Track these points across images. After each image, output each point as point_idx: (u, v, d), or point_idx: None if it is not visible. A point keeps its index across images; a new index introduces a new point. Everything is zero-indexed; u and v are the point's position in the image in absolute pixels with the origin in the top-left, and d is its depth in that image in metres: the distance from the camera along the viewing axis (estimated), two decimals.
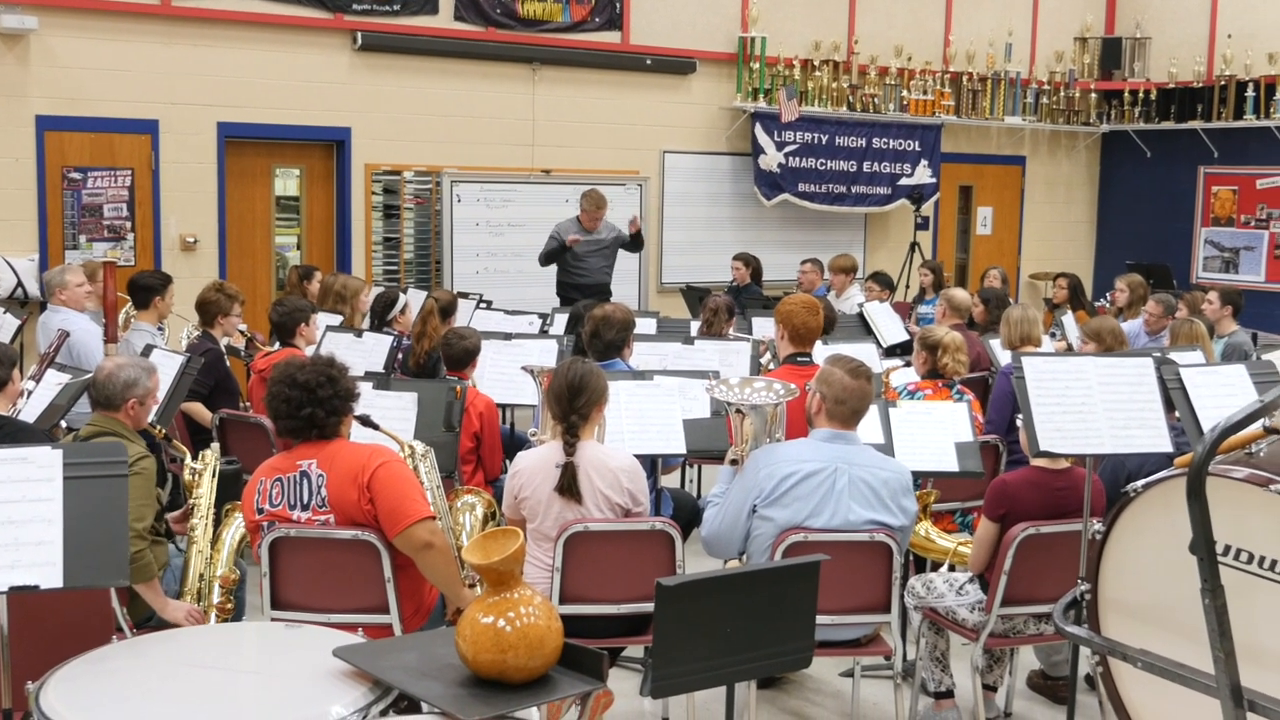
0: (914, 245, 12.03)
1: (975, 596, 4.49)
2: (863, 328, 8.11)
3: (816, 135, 11.98)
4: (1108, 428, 4.05)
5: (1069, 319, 8.41)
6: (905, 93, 12.57)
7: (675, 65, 11.47)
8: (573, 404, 4.26)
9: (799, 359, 5.66)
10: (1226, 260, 13.66)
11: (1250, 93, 13.00)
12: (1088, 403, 4.05)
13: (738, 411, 4.33)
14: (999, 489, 4.40)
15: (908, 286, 11.64)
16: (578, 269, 9.52)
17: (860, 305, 8.75)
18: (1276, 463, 3.12)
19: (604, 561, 4.26)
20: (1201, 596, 3.01)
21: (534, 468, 4.31)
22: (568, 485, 4.19)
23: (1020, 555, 4.27)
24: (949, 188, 13.35)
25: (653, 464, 5.20)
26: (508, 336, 6.52)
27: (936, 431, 5.06)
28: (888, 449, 5.01)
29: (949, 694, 4.69)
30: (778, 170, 11.77)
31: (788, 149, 11.77)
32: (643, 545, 4.27)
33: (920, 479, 5.19)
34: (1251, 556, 3.09)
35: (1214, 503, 3.11)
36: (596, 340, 5.63)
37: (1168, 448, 4.12)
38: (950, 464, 5.01)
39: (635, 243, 9.90)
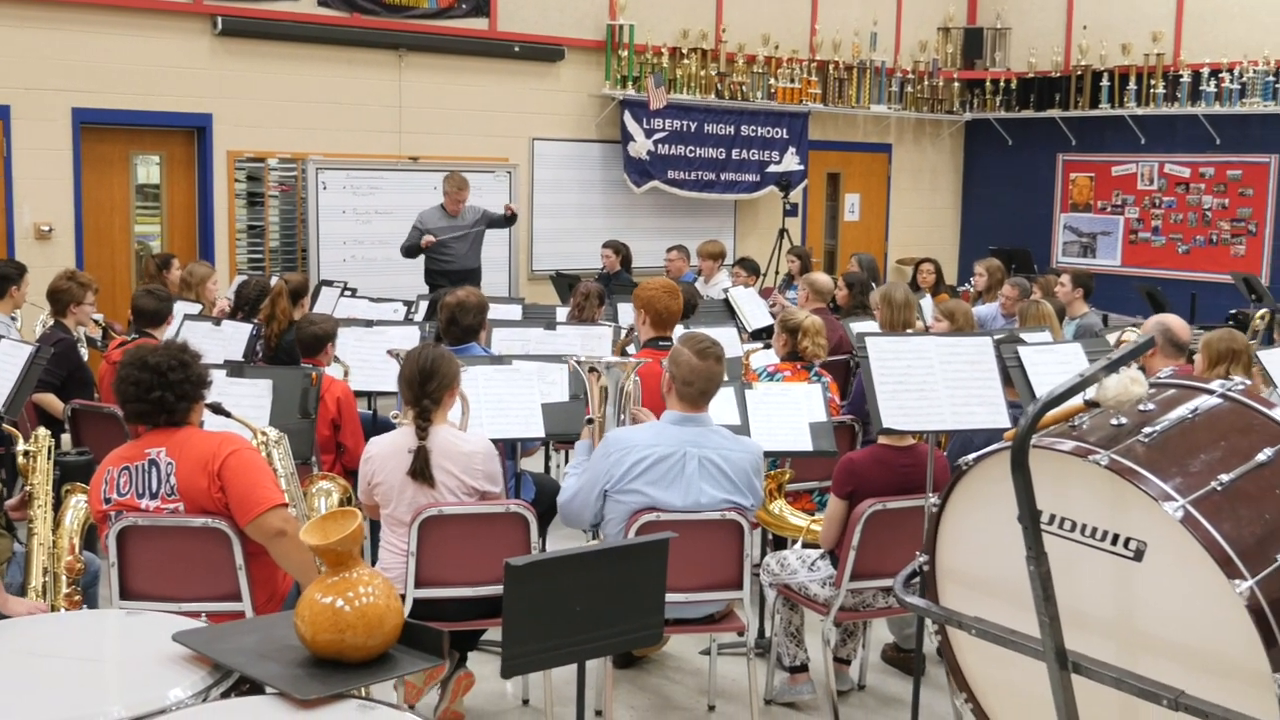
0: (783, 231, 12.20)
1: (826, 572, 4.59)
2: (728, 312, 8.21)
3: (685, 123, 12.08)
4: (949, 405, 4.17)
5: (927, 301, 8.62)
6: (773, 81, 12.73)
7: (543, 52, 11.47)
8: (424, 388, 4.26)
9: (660, 343, 5.71)
10: (1084, 245, 14.10)
11: (1105, 82, 13.44)
12: (929, 381, 4.17)
13: (591, 370, 4.37)
14: (845, 466, 4.50)
15: (777, 273, 11.80)
16: (444, 255, 9.47)
17: (725, 290, 8.86)
18: (1097, 435, 3.24)
19: (459, 545, 4.27)
20: (1026, 564, 3.14)
21: (386, 453, 4.30)
22: (420, 469, 4.19)
23: (868, 531, 4.38)
24: (817, 175, 13.57)
25: (512, 448, 5.22)
26: (369, 323, 6.47)
27: (792, 412, 5.16)
28: (744, 429, 5.10)
29: (803, 668, 4.80)
30: (647, 158, 11.84)
31: (657, 136, 11.86)
32: (498, 528, 4.29)
33: (777, 458, 5.29)
34: (1074, 524, 3.21)
35: (1039, 474, 3.24)
36: (453, 326, 5.62)
37: (1006, 424, 4.26)
38: (805, 444, 5.11)
39: (508, 220, 9.89)
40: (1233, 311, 10.62)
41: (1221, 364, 5.36)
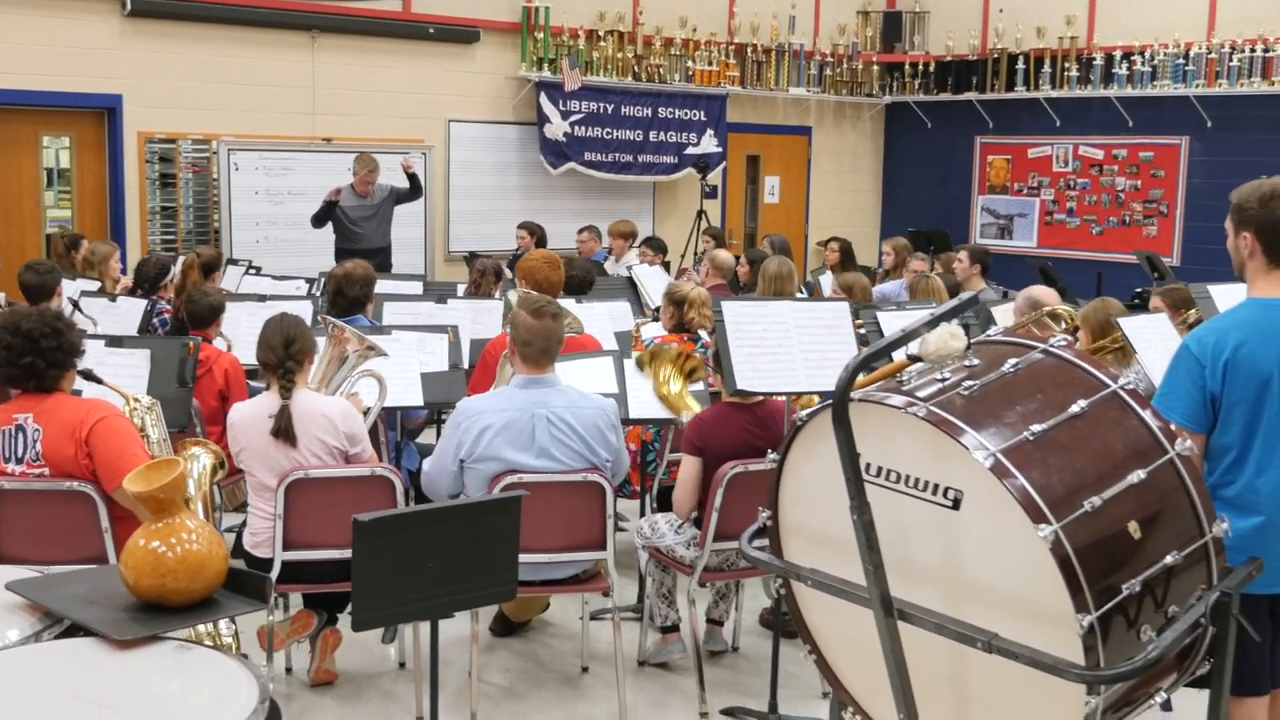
0: (700, 213, 12.29)
1: (693, 534, 4.69)
2: (632, 289, 8.29)
3: (602, 105, 12.14)
4: (803, 368, 4.27)
5: (826, 278, 8.75)
6: (690, 63, 12.82)
7: (458, 34, 11.48)
8: (287, 350, 4.32)
9: None
10: (1001, 226, 14.30)
11: (1020, 65, 13.63)
12: (784, 344, 4.26)
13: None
14: (695, 425, 4.59)
15: (695, 253, 11.89)
16: (354, 233, 9.49)
17: (629, 268, 8.95)
18: (921, 389, 3.34)
19: (326, 508, 4.32)
20: (851, 514, 3.25)
21: (247, 420, 4.36)
22: (283, 429, 4.25)
23: (730, 493, 4.47)
24: (736, 157, 13.67)
25: (392, 417, 5.28)
26: (262, 298, 6.49)
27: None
28: (622, 399, 5.20)
29: (674, 628, 4.90)
30: (564, 139, 11.89)
31: (573, 118, 11.91)
32: (364, 491, 4.35)
33: (660, 426, 5.38)
34: (898, 476, 3.30)
35: (865, 428, 3.34)
36: (340, 297, 5.68)
37: None
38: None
39: (414, 189, 9.92)
40: (1138, 290, 10.83)
41: (1105, 334, 5.52)
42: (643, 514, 5.33)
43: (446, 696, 4.61)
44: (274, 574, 4.31)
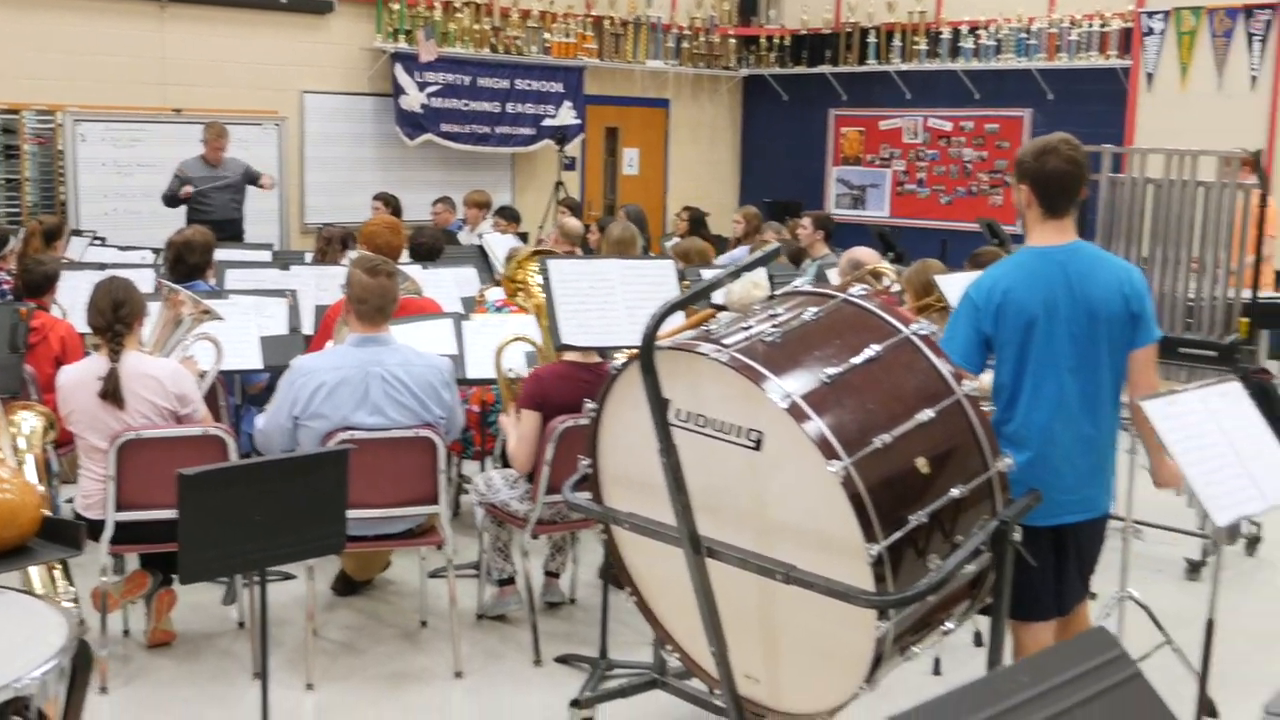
0: (558, 184, 12.39)
1: (526, 488, 4.80)
2: (482, 257, 8.36)
3: (459, 76, 12.14)
4: (628, 323, 4.40)
5: (670, 243, 8.95)
6: (547, 35, 12.87)
7: (312, 4, 11.36)
8: (116, 314, 4.33)
9: None
10: (855, 197, 14.64)
11: (872, 39, 13.95)
12: (610, 301, 4.39)
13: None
14: (533, 380, 4.70)
15: (556, 224, 11.98)
16: (204, 206, 9.39)
17: (479, 236, 9.02)
18: (726, 336, 3.49)
19: (158, 468, 4.34)
20: (659, 457, 3.40)
21: (75, 382, 4.36)
22: (111, 391, 4.26)
23: (561, 446, 4.59)
24: (595, 129, 13.77)
25: (231, 380, 5.30)
26: (101, 266, 6.43)
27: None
28: (461, 360, 5.29)
29: (511, 581, 5.02)
30: (420, 111, 11.87)
31: (430, 90, 11.89)
32: (196, 450, 4.37)
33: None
34: (706, 420, 3.46)
35: (675, 374, 3.50)
36: (180, 263, 5.67)
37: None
38: (521, 369, 5.31)
39: (259, 179, 9.85)
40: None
41: (927, 294, 5.75)
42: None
43: (285, 654, 4.68)
44: (107, 535, 4.33)
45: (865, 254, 5.73)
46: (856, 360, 3.42)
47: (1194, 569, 5.62)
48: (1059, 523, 3.64)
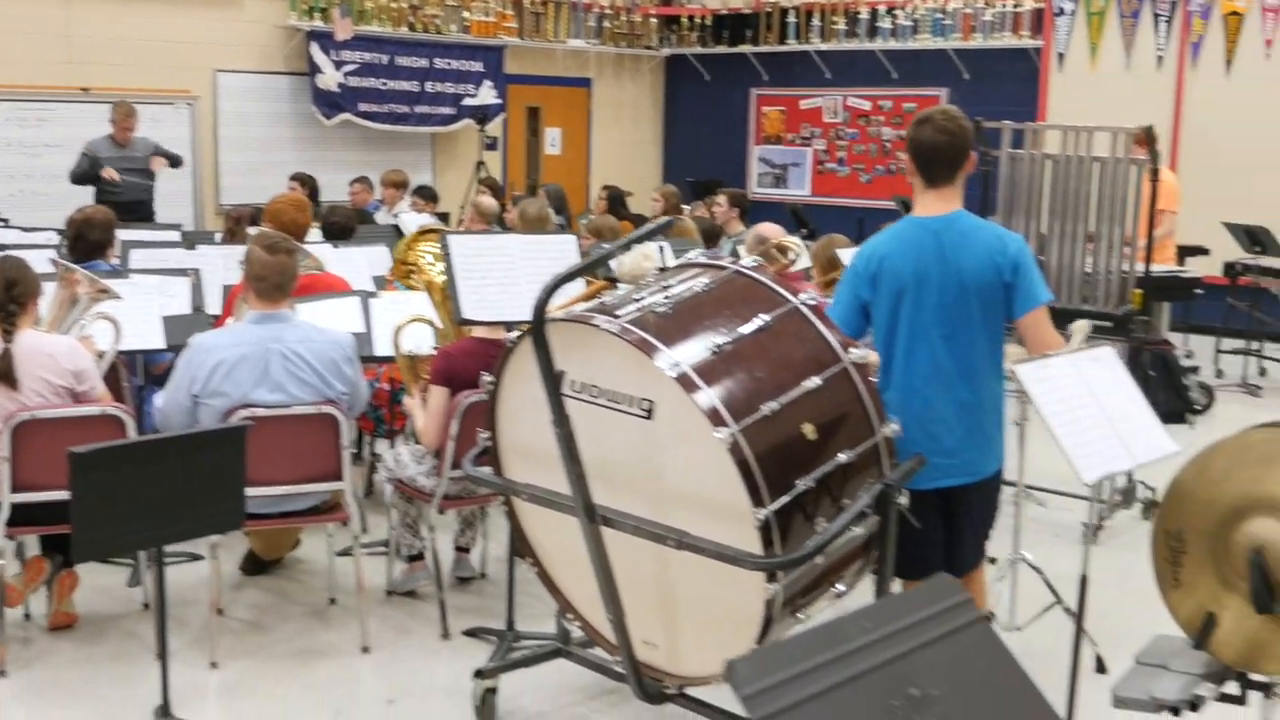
0: (479, 164, 12.35)
1: (433, 463, 4.82)
2: (397, 236, 8.33)
3: (376, 55, 12.06)
4: (529, 298, 4.39)
5: (584, 220, 9.00)
6: (466, 14, 12.82)
7: None
8: (9, 293, 4.29)
9: None
10: (777, 176, 14.74)
11: (792, 19, 14.04)
12: (511, 276, 4.41)
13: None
14: (442, 357, 4.71)
15: (471, 203, 11.95)
16: (113, 188, 9.26)
17: (395, 215, 8.99)
18: (619, 307, 3.54)
19: (56, 448, 4.29)
20: (553, 428, 3.43)
21: None
22: (3, 372, 4.22)
23: (466, 421, 4.61)
24: (516, 109, 13.75)
25: (134, 360, 5.26)
26: (2, 248, 6.32)
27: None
28: (368, 338, 5.29)
29: (420, 557, 5.03)
30: (337, 90, 11.78)
31: (347, 69, 11.80)
32: (94, 430, 4.34)
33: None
34: (599, 390, 3.51)
35: (568, 345, 3.53)
36: (81, 242, 5.61)
37: None
38: (428, 347, 5.32)
39: (172, 163, 9.72)
40: None
41: (833, 268, 5.83)
42: None
43: (190, 634, 4.67)
44: (2, 517, 4.29)
45: (770, 229, 5.80)
46: (746, 330, 3.48)
47: (1091, 534, 5.74)
48: (942, 485, 3.72)
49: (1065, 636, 4.47)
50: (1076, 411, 3.10)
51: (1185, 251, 10.22)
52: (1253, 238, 9.52)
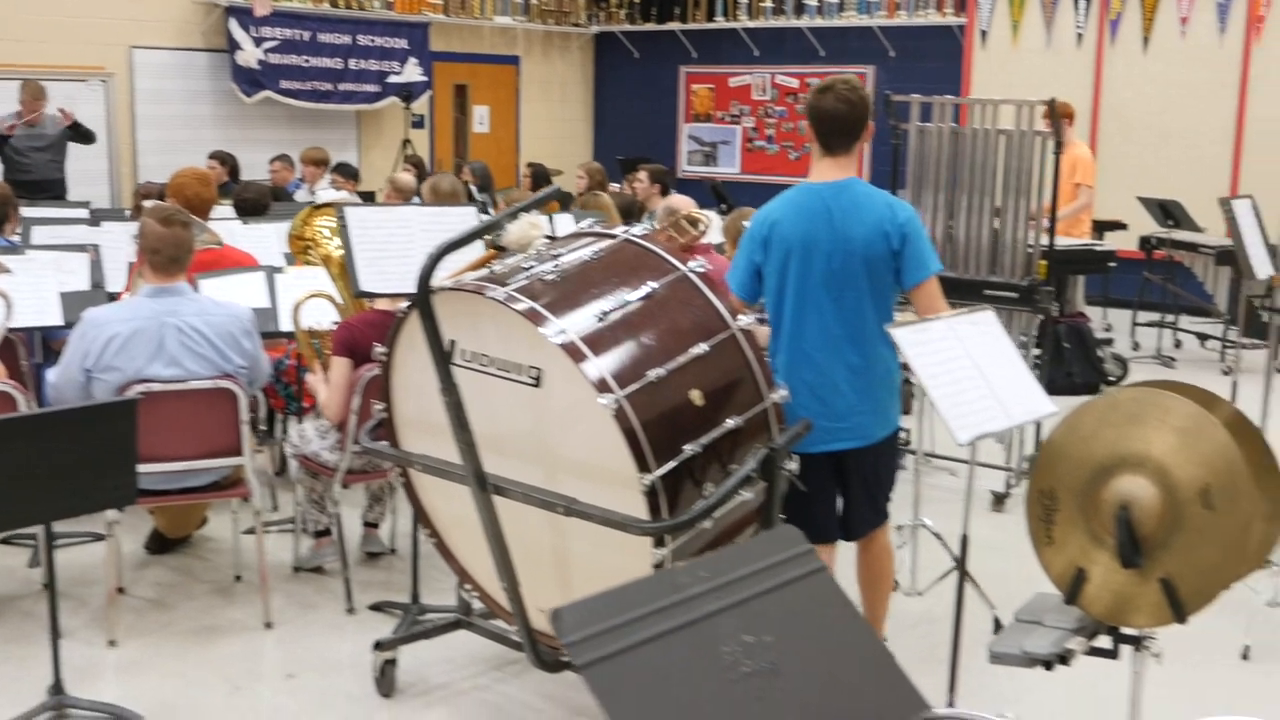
0: (405, 142, 12.28)
1: (337, 438, 4.80)
2: None
3: (298, 32, 11.93)
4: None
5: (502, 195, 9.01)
6: None
7: None
8: None
9: None
10: (706, 154, 14.76)
11: None
12: (410, 248, 4.39)
13: None
14: (345, 328, 4.68)
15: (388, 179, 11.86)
16: (21, 164, 9.12)
17: (313, 192, 8.92)
18: (506, 275, 3.54)
19: None
20: (441, 397, 3.43)
21: None
22: None
23: (368, 394, 4.59)
24: (443, 87, 13.65)
25: (32, 338, 5.19)
26: None
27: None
28: (273, 313, 5.26)
29: (327, 532, 5.01)
30: (258, 67, 11.64)
31: (267, 45, 11.66)
32: None
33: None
34: (489, 359, 3.51)
35: (457, 314, 3.54)
36: None
37: None
38: (329, 323, 5.29)
39: (81, 135, 9.57)
40: None
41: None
42: None
43: (90, 613, 4.63)
44: None
45: (681, 201, 5.82)
46: (633, 297, 3.49)
47: (998, 501, 5.84)
48: (834, 449, 3.76)
49: (966, 601, 4.54)
50: (955, 374, 3.14)
51: (1104, 226, 10.38)
52: (1166, 212, 9.67)
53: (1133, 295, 10.26)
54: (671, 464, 3.26)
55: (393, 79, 12.69)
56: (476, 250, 4.14)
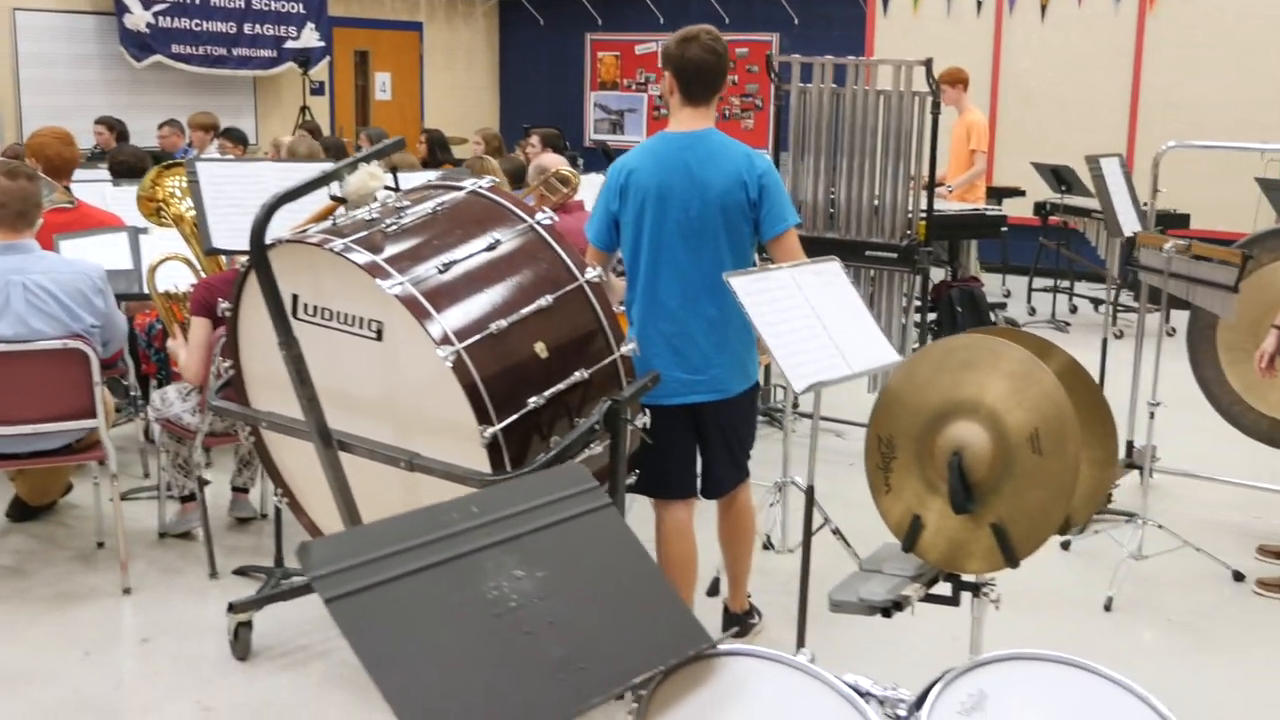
0: (304, 109, 12.08)
1: (198, 399, 4.70)
2: None
3: None
4: (285, 227, 4.31)
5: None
6: None
7: None
8: None
9: None
10: (613, 122, 14.69)
11: None
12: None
13: None
14: (204, 287, 4.56)
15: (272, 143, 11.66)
16: None
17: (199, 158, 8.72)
18: (348, 228, 3.46)
19: None
20: (279, 350, 3.35)
21: None
22: None
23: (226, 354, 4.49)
24: (344, 53, 13.44)
25: None
26: None
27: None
28: (136, 274, 5.13)
29: (192, 497, 4.91)
30: (147, 30, 11.37)
31: (156, 8, 11.39)
32: None
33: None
34: (331, 313, 3.44)
35: (297, 268, 3.46)
36: None
37: None
38: (187, 285, 5.17)
39: None
40: None
41: None
42: None
43: None
44: None
45: (551, 160, 5.77)
46: (476, 249, 3.43)
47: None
48: (690, 401, 3.73)
49: (838, 557, 4.57)
50: (793, 323, 3.13)
51: (1002, 193, 10.49)
52: (1059, 178, 9.77)
53: (1030, 261, 10.38)
54: (514, 416, 3.22)
55: (290, 44, 12.47)
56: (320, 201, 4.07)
